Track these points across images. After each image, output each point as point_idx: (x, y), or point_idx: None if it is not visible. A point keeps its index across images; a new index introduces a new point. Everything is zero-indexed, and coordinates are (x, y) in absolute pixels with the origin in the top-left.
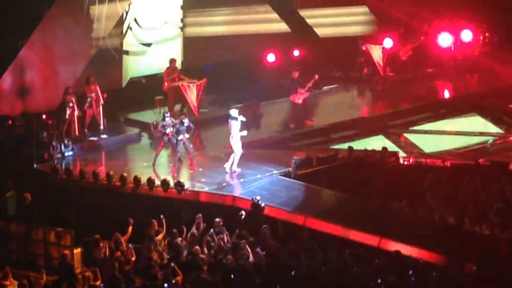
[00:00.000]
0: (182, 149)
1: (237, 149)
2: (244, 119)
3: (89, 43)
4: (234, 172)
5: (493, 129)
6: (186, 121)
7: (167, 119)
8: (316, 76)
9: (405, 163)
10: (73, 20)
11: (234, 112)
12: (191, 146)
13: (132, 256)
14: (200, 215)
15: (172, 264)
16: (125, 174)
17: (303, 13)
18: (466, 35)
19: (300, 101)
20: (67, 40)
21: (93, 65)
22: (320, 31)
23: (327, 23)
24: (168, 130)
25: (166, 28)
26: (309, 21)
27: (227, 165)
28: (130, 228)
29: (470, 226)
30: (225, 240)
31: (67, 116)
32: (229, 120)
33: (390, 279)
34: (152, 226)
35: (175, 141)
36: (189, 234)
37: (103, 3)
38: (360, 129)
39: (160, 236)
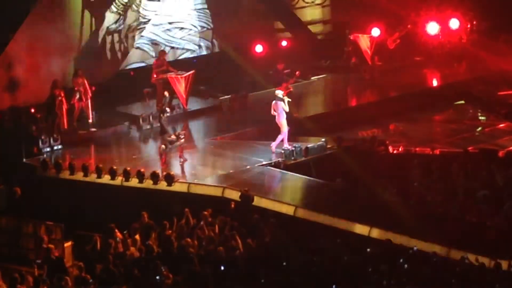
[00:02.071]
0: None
1: (285, 128)
2: (289, 100)
3: (77, 37)
4: (287, 148)
5: (482, 116)
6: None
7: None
8: (298, 73)
9: (395, 151)
10: (60, 14)
11: (279, 92)
12: (181, 137)
13: (128, 249)
14: (187, 209)
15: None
16: (114, 167)
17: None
18: (454, 24)
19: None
20: (55, 34)
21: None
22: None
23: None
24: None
25: None
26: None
27: (273, 144)
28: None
29: (459, 213)
30: (215, 231)
31: (55, 110)
32: (275, 100)
33: (382, 268)
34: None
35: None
36: (178, 227)
37: None
38: (349, 118)
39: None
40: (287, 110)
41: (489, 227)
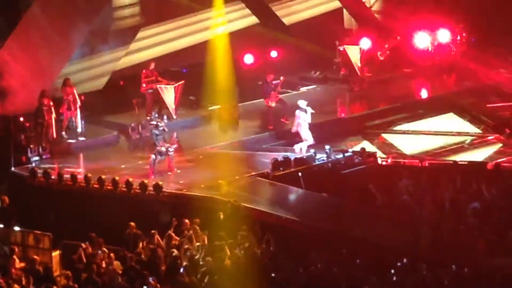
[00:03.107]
0: (160, 151)
1: (309, 138)
2: (312, 111)
3: (67, 45)
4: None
5: (471, 128)
6: (161, 124)
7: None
8: (282, 78)
9: (383, 163)
10: (50, 23)
11: (302, 103)
12: (171, 148)
13: (111, 259)
14: (174, 219)
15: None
16: (103, 177)
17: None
18: (443, 35)
19: (273, 105)
20: (44, 43)
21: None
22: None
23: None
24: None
25: None
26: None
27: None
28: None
29: (448, 225)
30: (204, 241)
31: (44, 119)
32: (298, 110)
33: (372, 279)
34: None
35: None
36: (165, 237)
37: None
38: (338, 129)
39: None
40: (309, 120)
41: (479, 240)
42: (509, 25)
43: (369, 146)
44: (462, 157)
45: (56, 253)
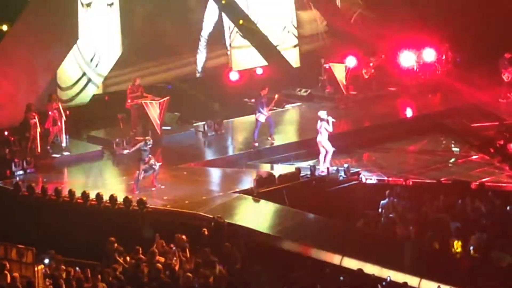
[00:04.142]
0: (145, 167)
1: (329, 148)
2: (333, 120)
3: (52, 60)
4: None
5: (456, 148)
6: (149, 142)
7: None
8: (276, 96)
9: (368, 181)
10: (35, 37)
11: (323, 113)
12: (156, 164)
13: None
14: (158, 234)
15: None
16: (87, 191)
17: None
18: (428, 54)
19: (263, 120)
20: (29, 57)
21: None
22: None
23: None
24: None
25: None
26: None
27: (321, 166)
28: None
29: (431, 244)
30: (187, 257)
31: (29, 133)
32: (319, 121)
33: None
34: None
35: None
36: (149, 253)
37: None
38: None
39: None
40: (331, 130)
41: (461, 258)
42: (494, 45)
43: (353, 164)
44: (446, 176)
45: (39, 268)
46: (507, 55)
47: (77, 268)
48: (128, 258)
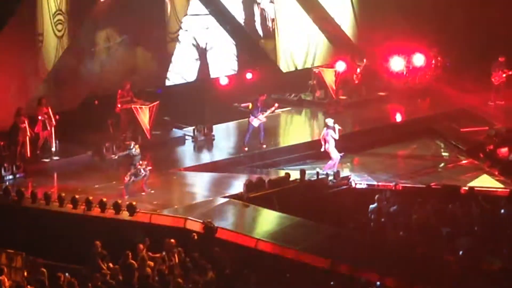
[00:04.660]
0: (135, 172)
1: (335, 155)
2: (340, 127)
3: (41, 65)
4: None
5: (445, 153)
6: (134, 147)
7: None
8: (276, 105)
9: (357, 186)
10: (25, 42)
11: (330, 121)
12: (146, 169)
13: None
14: (147, 239)
15: None
16: (77, 196)
17: None
18: (418, 59)
19: (256, 125)
20: (19, 61)
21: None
22: None
23: None
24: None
25: None
26: None
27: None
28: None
29: (421, 249)
30: (176, 262)
31: (19, 138)
32: (325, 129)
33: None
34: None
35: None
36: (139, 259)
37: None
38: (312, 152)
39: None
40: (337, 137)
41: (451, 263)
42: (484, 49)
43: (343, 169)
44: (436, 181)
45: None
46: (501, 58)
47: (67, 274)
48: (111, 265)
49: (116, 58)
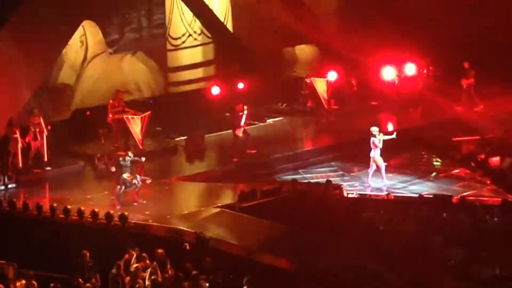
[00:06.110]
0: (126, 182)
1: (381, 163)
2: (384, 137)
3: (34, 74)
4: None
5: (437, 162)
6: (128, 157)
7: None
8: (245, 107)
9: (349, 196)
10: (18, 51)
11: (374, 129)
12: (137, 179)
13: None
14: (138, 249)
15: None
16: (69, 207)
17: None
18: (410, 68)
19: (240, 134)
20: (11, 71)
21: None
22: None
23: None
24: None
25: None
26: None
27: (369, 180)
28: None
29: (413, 259)
30: (168, 272)
31: (10, 148)
32: (371, 138)
33: None
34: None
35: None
36: (132, 268)
37: None
38: (304, 161)
39: None
40: (380, 146)
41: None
42: (475, 58)
43: (335, 178)
44: (428, 191)
45: (20, 283)
46: (465, 64)
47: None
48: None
49: (107, 69)
